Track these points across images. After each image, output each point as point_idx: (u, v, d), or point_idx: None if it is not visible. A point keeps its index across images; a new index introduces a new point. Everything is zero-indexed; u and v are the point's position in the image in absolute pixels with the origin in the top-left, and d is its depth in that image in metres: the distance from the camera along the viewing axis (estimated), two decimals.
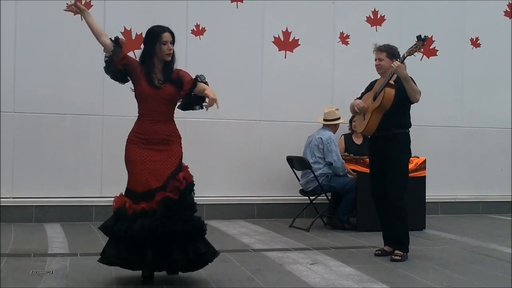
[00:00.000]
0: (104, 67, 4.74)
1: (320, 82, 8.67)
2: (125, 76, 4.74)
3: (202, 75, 4.65)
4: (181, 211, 4.50)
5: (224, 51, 8.26)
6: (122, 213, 4.52)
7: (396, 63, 5.56)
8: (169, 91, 4.64)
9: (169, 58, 4.68)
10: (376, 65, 5.94)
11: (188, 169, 4.70)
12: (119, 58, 4.64)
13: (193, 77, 4.64)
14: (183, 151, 4.74)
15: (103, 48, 4.73)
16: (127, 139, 4.70)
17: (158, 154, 4.57)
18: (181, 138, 4.77)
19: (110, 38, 4.71)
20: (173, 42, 4.69)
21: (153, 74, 4.65)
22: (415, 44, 5.58)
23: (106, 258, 4.63)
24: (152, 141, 4.60)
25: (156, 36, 4.65)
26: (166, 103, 4.64)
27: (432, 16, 9.20)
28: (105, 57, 4.73)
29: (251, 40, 8.42)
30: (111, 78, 4.78)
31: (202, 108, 4.70)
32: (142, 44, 4.78)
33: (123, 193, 4.61)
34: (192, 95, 4.64)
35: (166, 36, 4.65)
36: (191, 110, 4.77)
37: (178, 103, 4.74)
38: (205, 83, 4.60)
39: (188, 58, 7.34)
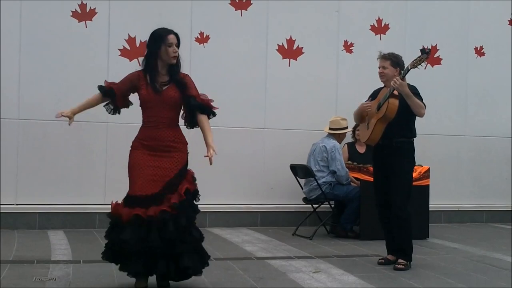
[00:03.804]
0: (108, 110, 4.80)
1: (324, 90, 8.68)
2: (127, 104, 4.79)
3: (204, 94, 4.68)
4: (177, 225, 4.43)
5: (228, 59, 8.27)
6: (116, 221, 4.50)
7: (398, 81, 5.54)
8: (171, 94, 4.56)
9: (175, 61, 4.60)
10: (380, 73, 5.93)
11: (194, 175, 4.67)
12: (119, 100, 4.70)
13: (198, 92, 4.65)
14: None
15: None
16: (131, 146, 4.66)
17: (159, 160, 4.52)
18: (187, 144, 4.72)
19: (100, 89, 4.70)
20: (178, 45, 4.62)
21: (157, 78, 4.58)
22: (419, 57, 5.55)
23: (106, 255, 4.65)
24: (156, 148, 4.55)
25: (160, 39, 4.57)
26: (169, 108, 4.58)
27: (436, 24, 9.22)
28: (105, 107, 4.80)
29: (255, 48, 8.43)
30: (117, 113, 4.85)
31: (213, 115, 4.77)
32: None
33: (121, 201, 4.55)
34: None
35: (171, 38, 4.57)
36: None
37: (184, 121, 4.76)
38: (210, 109, 4.64)
39: (192, 66, 7.36)
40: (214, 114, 4.71)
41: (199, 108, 4.63)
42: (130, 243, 4.36)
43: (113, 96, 4.70)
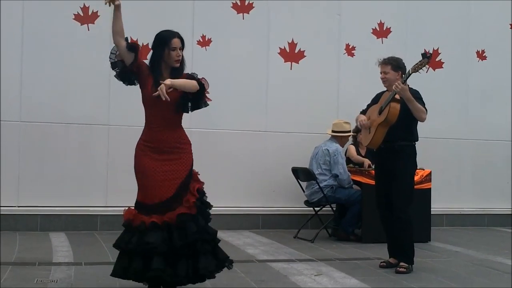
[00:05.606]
0: (112, 63, 4.60)
1: (326, 93, 8.69)
2: (132, 78, 4.62)
3: (195, 73, 4.61)
4: (197, 225, 4.45)
5: (230, 62, 8.28)
6: (130, 226, 4.47)
7: (400, 85, 5.55)
8: (174, 96, 4.46)
9: (178, 65, 4.58)
10: (382, 78, 5.94)
11: (198, 176, 4.66)
12: (135, 66, 4.55)
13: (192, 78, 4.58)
14: None
15: (114, 46, 4.58)
16: (136, 148, 4.62)
17: (168, 164, 4.50)
18: (191, 144, 4.68)
19: (126, 40, 4.56)
20: (182, 48, 4.59)
21: (161, 80, 4.50)
22: (420, 61, 5.56)
23: (116, 271, 4.56)
24: (161, 150, 4.52)
25: (164, 42, 4.55)
26: (172, 109, 4.52)
27: (438, 28, 9.22)
28: (111, 57, 4.58)
29: (257, 51, 8.44)
30: (116, 75, 4.62)
31: (205, 106, 4.67)
32: (149, 51, 4.71)
33: (133, 206, 4.53)
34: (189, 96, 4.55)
35: (175, 42, 4.54)
36: (195, 110, 4.70)
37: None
38: (198, 80, 4.54)
39: (194, 69, 7.32)
40: (201, 85, 4.56)
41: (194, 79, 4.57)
42: (156, 244, 4.34)
43: (135, 51, 4.54)
